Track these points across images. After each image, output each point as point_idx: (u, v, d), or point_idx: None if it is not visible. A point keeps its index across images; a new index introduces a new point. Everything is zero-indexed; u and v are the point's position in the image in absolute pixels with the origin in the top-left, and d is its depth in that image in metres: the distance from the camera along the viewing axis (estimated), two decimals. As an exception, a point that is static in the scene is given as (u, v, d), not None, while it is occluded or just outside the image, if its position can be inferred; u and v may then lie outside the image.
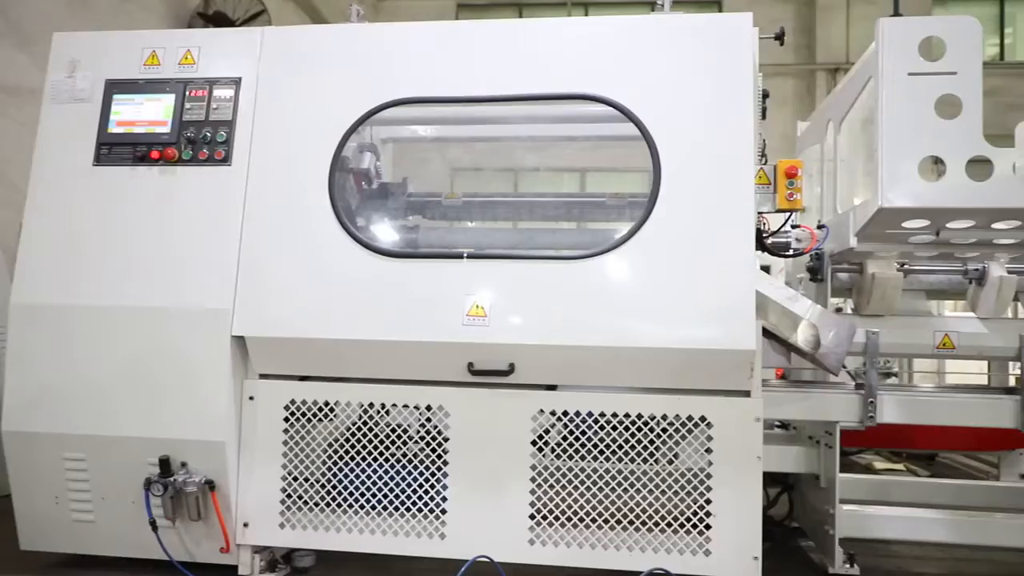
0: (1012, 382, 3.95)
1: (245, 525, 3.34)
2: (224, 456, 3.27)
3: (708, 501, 3.14)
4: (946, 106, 3.09)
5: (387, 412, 3.37)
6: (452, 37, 3.42)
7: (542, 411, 3.24)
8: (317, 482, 3.39)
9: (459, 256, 3.22)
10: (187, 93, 3.45)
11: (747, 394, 3.16)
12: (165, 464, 3.24)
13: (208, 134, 3.40)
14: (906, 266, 3.86)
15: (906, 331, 3.81)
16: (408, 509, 3.31)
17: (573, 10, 14.93)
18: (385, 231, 3.83)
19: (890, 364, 6.89)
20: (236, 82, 3.44)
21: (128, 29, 3.66)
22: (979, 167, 3.07)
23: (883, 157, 3.11)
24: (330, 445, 3.40)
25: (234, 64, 3.47)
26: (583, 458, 3.24)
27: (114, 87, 3.51)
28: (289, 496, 3.37)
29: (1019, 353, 3.70)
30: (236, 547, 3.35)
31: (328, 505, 3.36)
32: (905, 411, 3.75)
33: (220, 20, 9.29)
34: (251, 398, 3.37)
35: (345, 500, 3.36)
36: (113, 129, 3.47)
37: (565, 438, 3.25)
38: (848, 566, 3.64)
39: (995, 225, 3.26)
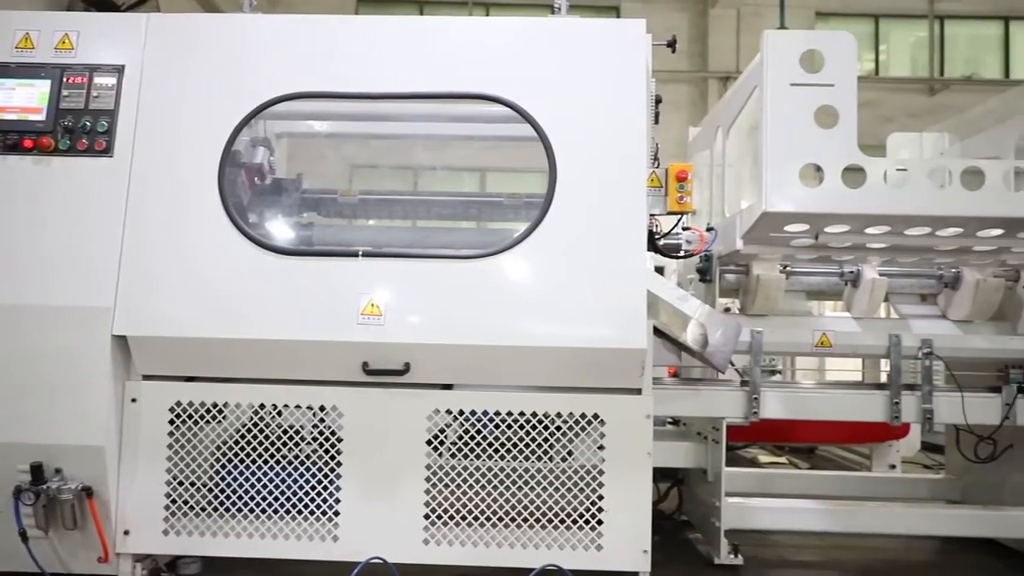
0: (884, 378, 4.18)
1: (126, 533, 3.19)
2: (103, 461, 3.12)
3: (600, 497, 3.20)
4: (825, 116, 3.26)
5: (279, 413, 3.29)
6: (351, 32, 3.37)
7: (437, 411, 3.23)
8: (204, 486, 3.27)
9: (354, 254, 3.17)
10: (64, 79, 3.27)
11: (638, 392, 3.23)
12: (37, 471, 3.05)
13: (88, 123, 3.23)
14: (788, 268, 4.05)
15: (787, 330, 4.00)
16: (300, 512, 3.24)
17: (475, 9, 14.96)
18: (278, 228, 3.74)
19: (774, 362, 7.21)
20: (119, 70, 3.28)
21: (-1, 9, 3.43)
22: (854, 175, 3.26)
23: (767, 163, 3.26)
24: (218, 448, 3.29)
25: (116, 51, 3.30)
26: (478, 457, 3.25)
27: (-18, 70, 3.29)
28: (174, 502, 3.24)
29: (889, 351, 3.93)
30: (116, 556, 3.20)
31: (216, 510, 3.25)
32: (786, 407, 3.94)
33: (103, 4, 8.82)
34: (133, 400, 3.22)
35: (234, 504, 3.26)
36: (-20, 115, 3.25)
37: (461, 437, 3.26)
38: (732, 556, 3.80)
39: (868, 230, 3.47)
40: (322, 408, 3.25)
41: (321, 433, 3.26)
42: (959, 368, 3.99)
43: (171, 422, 3.25)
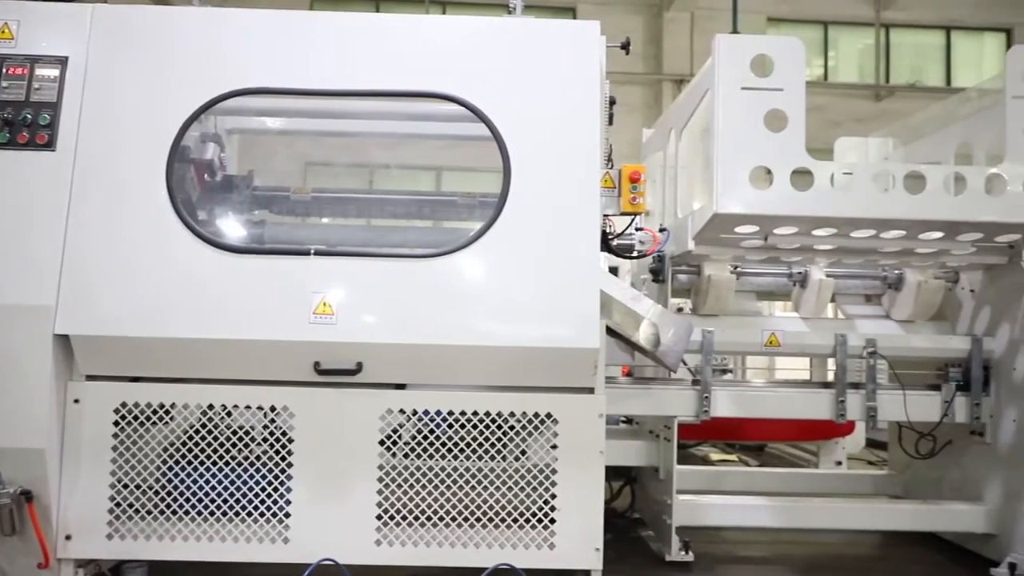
0: (831, 377, 4.28)
1: (67, 538, 3.11)
2: (44, 464, 3.02)
3: (553, 496, 3.22)
4: (775, 120, 3.32)
5: (228, 414, 3.24)
6: (305, 27, 3.32)
7: (390, 411, 3.21)
8: (150, 488, 3.21)
9: (306, 253, 3.14)
10: (4, 70, 3.16)
11: (591, 391, 3.26)
12: (-26, 475, 2.96)
13: (29, 116, 3.13)
14: (738, 269, 4.11)
15: (738, 330, 4.07)
16: (250, 514, 3.19)
17: (431, 8, 14.91)
18: (228, 226, 3.69)
19: (726, 361, 7.31)
20: (62, 61, 3.19)
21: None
22: (802, 178, 3.32)
23: (718, 165, 3.31)
24: (165, 449, 3.22)
25: (60, 42, 3.21)
26: (431, 457, 3.24)
27: (-85, 59, 3.17)
28: (118, 505, 3.16)
29: (835, 350, 4.02)
30: (57, 562, 3.11)
31: (162, 513, 3.19)
32: (736, 405, 4.01)
33: (48, -7, 8.57)
34: (76, 401, 3.13)
35: (182, 507, 3.20)
36: (-87, 105, 3.14)
37: (414, 437, 3.24)
38: (683, 553, 3.84)
39: (815, 231, 3.54)
40: (273, 408, 3.21)
41: (272, 434, 3.21)
42: (902, 367, 4.09)
43: (116, 423, 3.17)
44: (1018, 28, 16.01)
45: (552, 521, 3.21)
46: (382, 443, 3.21)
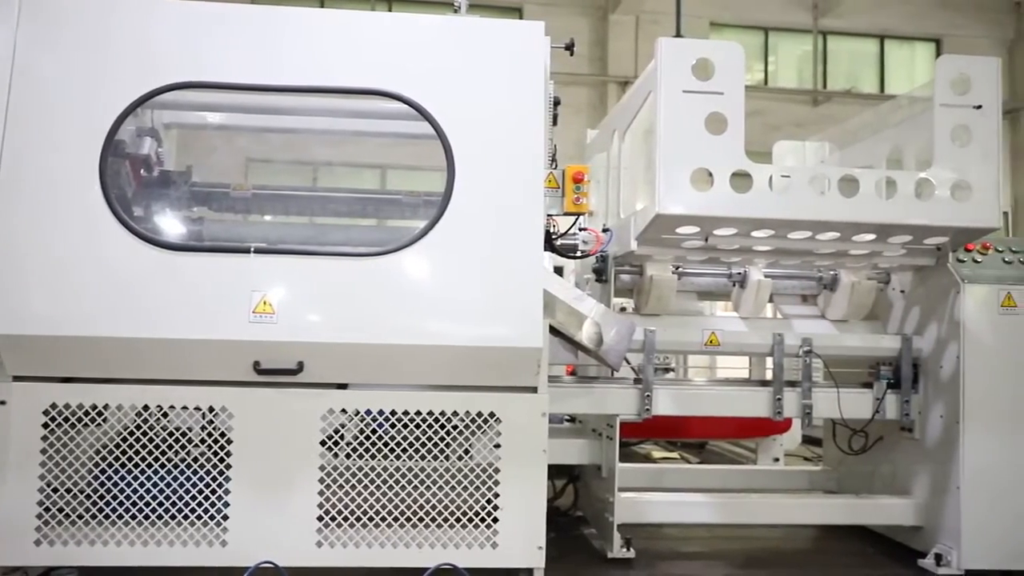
0: (769, 376, 4.37)
1: (-8, 544, 3.01)
2: (-33, 468, 2.92)
3: (496, 495, 3.22)
4: (715, 123, 3.38)
5: (165, 415, 3.17)
6: (247, 21, 3.25)
7: (332, 411, 3.18)
8: (82, 492, 3.11)
9: (245, 250, 3.08)
10: (-75, 58, 3.04)
11: (534, 390, 3.27)
12: None
13: (-48, 106, 3.01)
14: (680, 269, 4.17)
15: (679, 329, 4.11)
16: (186, 517, 3.13)
17: (377, 5, 14.78)
18: (166, 222, 3.60)
19: (668, 360, 7.41)
20: (-12, 50, 3.08)
21: None
22: (742, 180, 3.39)
23: (660, 167, 3.36)
24: (98, 452, 3.13)
25: (-14, 29, 3.10)
26: (374, 457, 3.22)
27: None
28: (48, 510, 3.06)
29: (772, 349, 4.11)
30: (-19, 570, 3.01)
31: (95, 517, 3.10)
32: (677, 403, 4.06)
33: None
34: (2, 403, 3.03)
35: (115, 511, 3.11)
36: None
37: (356, 437, 3.21)
38: (625, 550, 3.88)
39: (754, 233, 3.62)
40: (211, 409, 3.15)
41: (210, 435, 3.15)
42: (836, 365, 4.20)
43: (45, 426, 3.07)
44: (946, 39, 16.61)
45: (495, 520, 3.22)
46: (324, 443, 3.18)
